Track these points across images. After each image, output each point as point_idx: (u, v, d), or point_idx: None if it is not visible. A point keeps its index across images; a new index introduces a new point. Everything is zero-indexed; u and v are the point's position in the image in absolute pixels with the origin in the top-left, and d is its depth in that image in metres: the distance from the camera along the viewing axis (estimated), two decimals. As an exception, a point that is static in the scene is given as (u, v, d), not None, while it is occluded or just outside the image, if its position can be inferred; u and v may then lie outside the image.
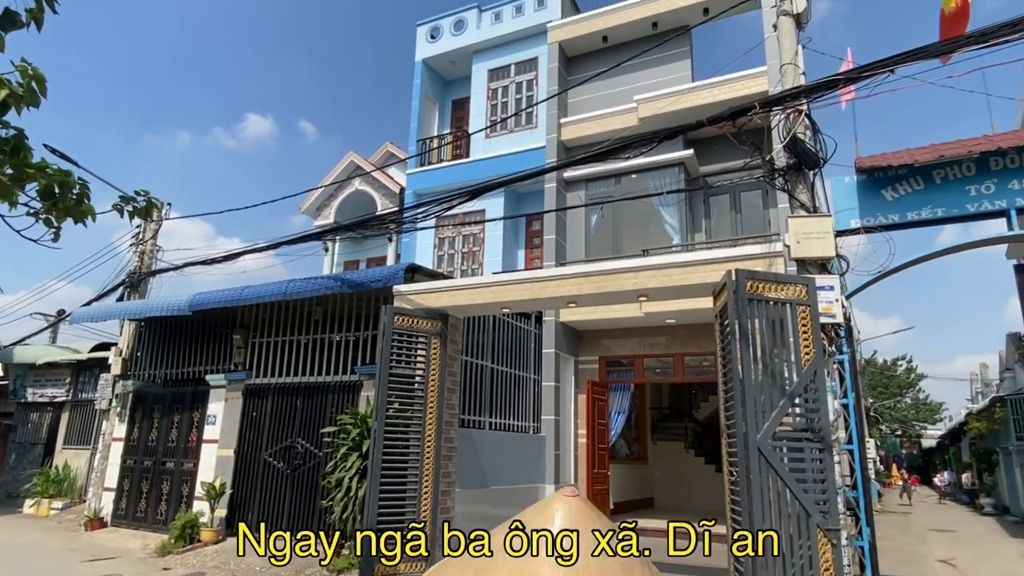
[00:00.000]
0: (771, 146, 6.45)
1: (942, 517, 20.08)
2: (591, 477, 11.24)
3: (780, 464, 5.08)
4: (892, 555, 11.46)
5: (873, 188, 7.15)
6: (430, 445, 7.08)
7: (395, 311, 7.13)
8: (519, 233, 13.88)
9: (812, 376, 5.32)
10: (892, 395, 45.67)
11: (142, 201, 3.98)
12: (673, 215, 11.70)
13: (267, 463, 9.21)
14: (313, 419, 8.91)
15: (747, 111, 5.40)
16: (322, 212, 16.43)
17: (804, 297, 5.52)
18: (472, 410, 9.34)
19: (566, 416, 11.52)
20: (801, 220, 5.83)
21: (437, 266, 13.80)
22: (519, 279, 7.08)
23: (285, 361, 9.50)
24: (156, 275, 11.78)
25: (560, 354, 11.51)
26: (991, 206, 6.63)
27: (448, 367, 7.46)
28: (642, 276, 6.37)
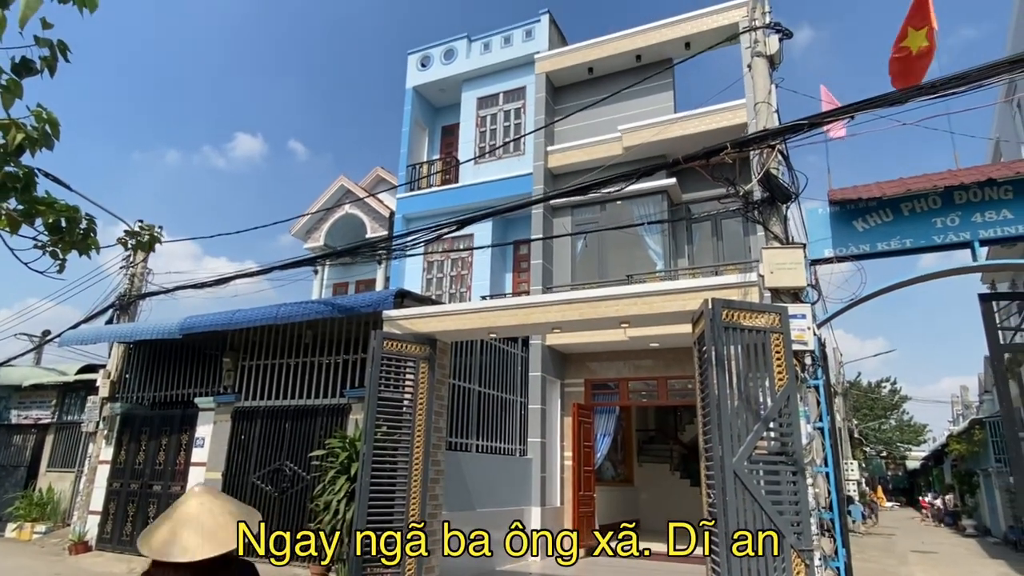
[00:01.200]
0: (748, 179, 6.76)
1: (924, 539, 20.30)
2: (577, 499, 11.36)
3: (755, 486, 5.29)
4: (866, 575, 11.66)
5: (845, 219, 7.46)
6: (418, 468, 7.21)
7: (384, 336, 7.31)
8: (507, 257, 14.13)
9: (785, 401, 5.56)
10: (876, 417, 46.09)
11: (146, 236, 4.17)
12: (657, 241, 12.00)
13: (255, 486, 9.27)
14: (302, 442, 9.01)
15: (720, 151, 5.70)
16: (312, 235, 16.61)
17: (777, 325, 5.77)
18: (459, 433, 9.48)
19: (552, 438, 11.66)
20: (774, 251, 6.11)
21: (426, 289, 14.00)
22: (506, 305, 7.30)
23: (274, 384, 9.61)
24: (146, 298, 11.87)
25: (547, 377, 11.69)
26: (956, 237, 6.93)
27: (436, 391, 7.62)
28: (623, 304, 6.60)
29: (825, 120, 5.26)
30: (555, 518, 11.20)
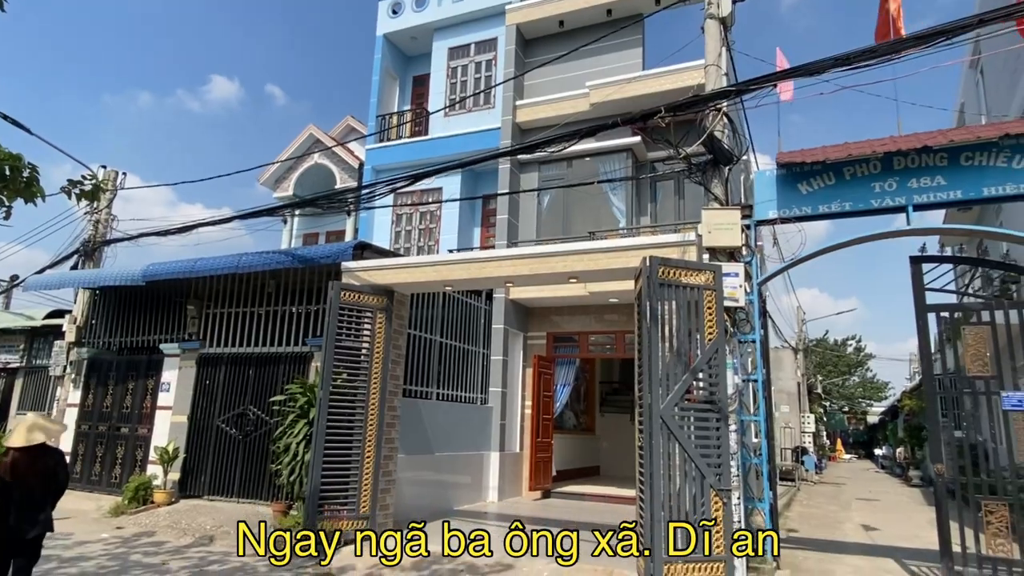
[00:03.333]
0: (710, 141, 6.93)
1: (872, 488, 21.39)
2: (535, 445, 11.86)
3: (680, 431, 5.67)
4: (815, 520, 12.41)
5: (791, 182, 7.70)
6: (374, 413, 7.53)
7: (342, 287, 7.51)
8: (476, 211, 14.26)
9: (713, 354, 5.91)
10: (840, 373, 47.66)
11: (89, 184, 4.27)
12: (621, 199, 12.21)
13: (220, 429, 9.57)
14: (265, 388, 9.28)
15: (655, 114, 5.86)
16: (281, 185, 16.53)
17: (711, 283, 6.08)
18: (420, 381, 9.82)
19: (513, 388, 12.08)
20: (713, 212, 6.36)
21: (394, 242, 14.13)
22: (460, 259, 7.51)
23: (238, 332, 9.81)
24: (111, 244, 11.87)
25: (509, 330, 12.01)
26: (892, 202, 7.22)
27: (393, 341, 7.88)
28: (571, 260, 6.86)
29: (750, 88, 5.43)
30: (514, 463, 11.71)
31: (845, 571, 7.33)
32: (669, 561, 5.41)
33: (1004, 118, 10.54)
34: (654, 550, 5.35)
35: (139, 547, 7.28)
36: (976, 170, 6.92)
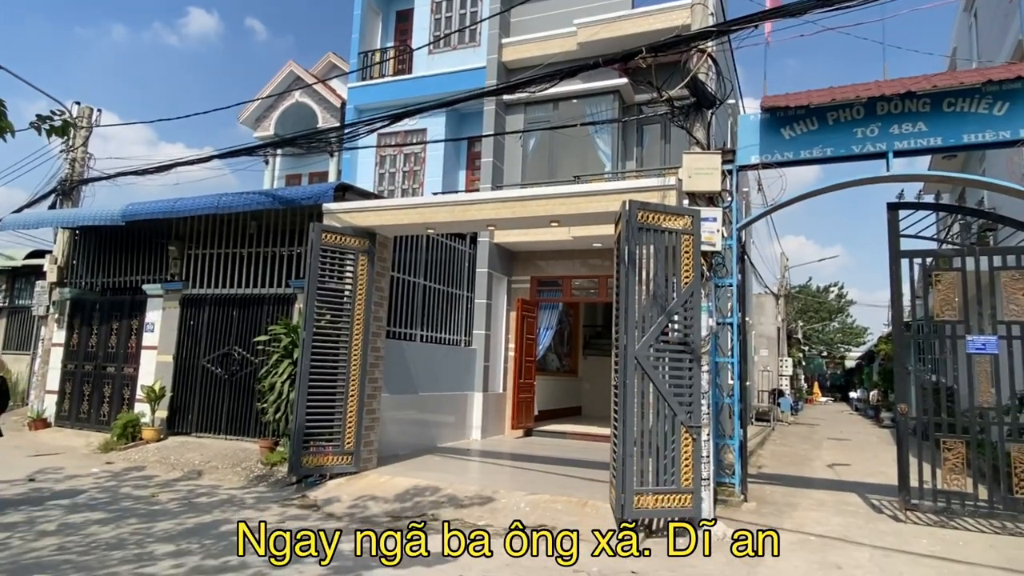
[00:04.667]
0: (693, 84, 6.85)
1: (844, 429, 22.13)
2: (517, 386, 12.13)
3: (654, 371, 5.84)
4: (786, 458, 12.88)
5: (774, 127, 7.67)
6: (357, 354, 7.65)
7: (323, 228, 7.49)
8: (461, 154, 14.08)
9: (689, 297, 6.02)
10: (821, 319, 48.54)
11: (59, 120, 4.18)
12: (607, 142, 12.10)
13: (205, 369, 9.69)
14: (249, 329, 9.35)
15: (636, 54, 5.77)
16: (261, 124, 16.16)
17: (689, 227, 6.14)
18: (404, 323, 9.94)
19: (497, 331, 12.25)
20: (694, 156, 6.36)
21: (378, 184, 13.98)
22: (441, 202, 7.49)
23: (221, 273, 9.80)
24: (88, 183, 11.66)
25: (493, 273, 12.08)
26: (873, 148, 7.24)
27: (376, 283, 7.93)
28: (552, 203, 6.86)
29: (732, 28, 5.35)
30: (497, 403, 12.00)
31: (808, 503, 7.70)
32: (640, 492, 5.67)
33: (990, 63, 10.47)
34: (625, 482, 5.59)
35: (129, 480, 7.48)
36: (957, 116, 6.93)
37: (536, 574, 4.58)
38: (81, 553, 4.68)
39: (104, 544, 4.92)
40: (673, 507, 5.78)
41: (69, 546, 4.84)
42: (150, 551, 4.78)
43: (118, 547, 4.85)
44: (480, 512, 6.20)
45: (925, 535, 6.23)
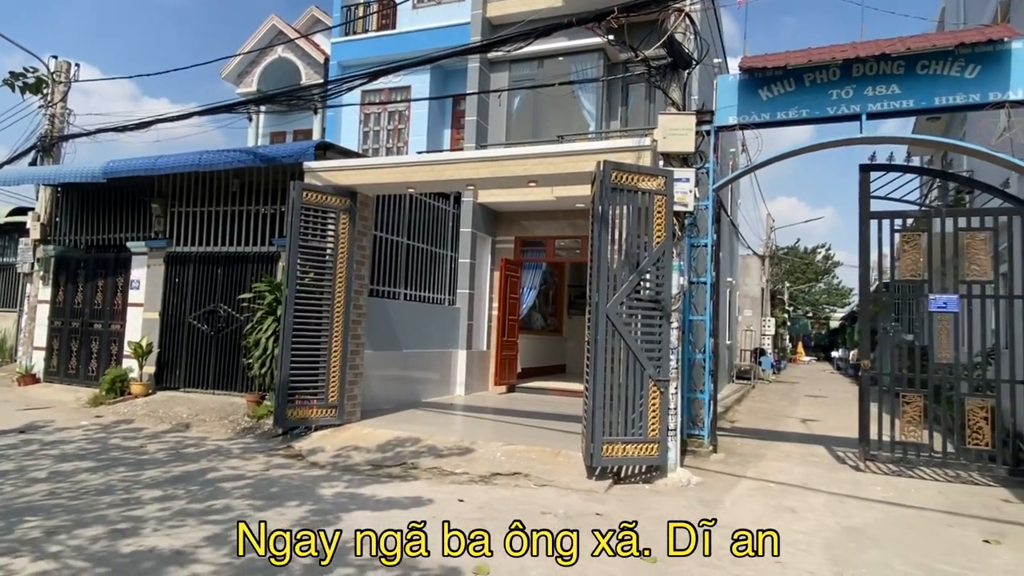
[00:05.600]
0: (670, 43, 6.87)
1: (822, 387, 22.70)
2: (501, 344, 12.38)
3: (624, 327, 6.05)
4: (762, 414, 13.30)
5: (752, 88, 7.73)
6: (340, 311, 7.81)
7: (303, 187, 7.55)
8: (446, 112, 13.99)
9: (660, 256, 6.19)
10: (808, 280, 49.07)
11: (32, 77, 4.20)
12: (591, 102, 12.07)
13: (192, 326, 9.83)
14: (234, 286, 9.47)
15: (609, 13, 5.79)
16: (244, 80, 15.93)
17: (662, 187, 6.26)
18: (388, 282, 10.08)
19: (481, 290, 12.42)
20: (669, 117, 6.44)
21: (363, 142, 13.92)
22: (421, 161, 7.55)
23: (205, 231, 9.86)
24: (68, 140, 11.56)
25: (477, 233, 12.19)
26: (847, 110, 7.32)
27: (357, 241, 8.03)
28: (530, 163, 6.95)
29: (701, -11, 5.37)
30: (481, 360, 12.25)
31: (775, 455, 8.05)
32: (609, 441, 5.94)
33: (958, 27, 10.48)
34: (595, 432, 5.85)
35: (118, 432, 7.69)
36: (930, 79, 7.01)
37: (507, 516, 4.84)
38: (71, 498, 4.89)
39: (93, 490, 5.14)
40: (640, 456, 6.06)
41: (59, 492, 5.05)
42: (137, 496, 5.01)
43: (107, 492, 5.07)
44: (458, 461, 6.47)
45: (880, 483, 6.58)
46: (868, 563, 4.16)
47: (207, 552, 3.85)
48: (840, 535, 4.76)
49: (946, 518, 5.35)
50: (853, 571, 4.01)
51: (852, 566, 4.09)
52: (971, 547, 4.60)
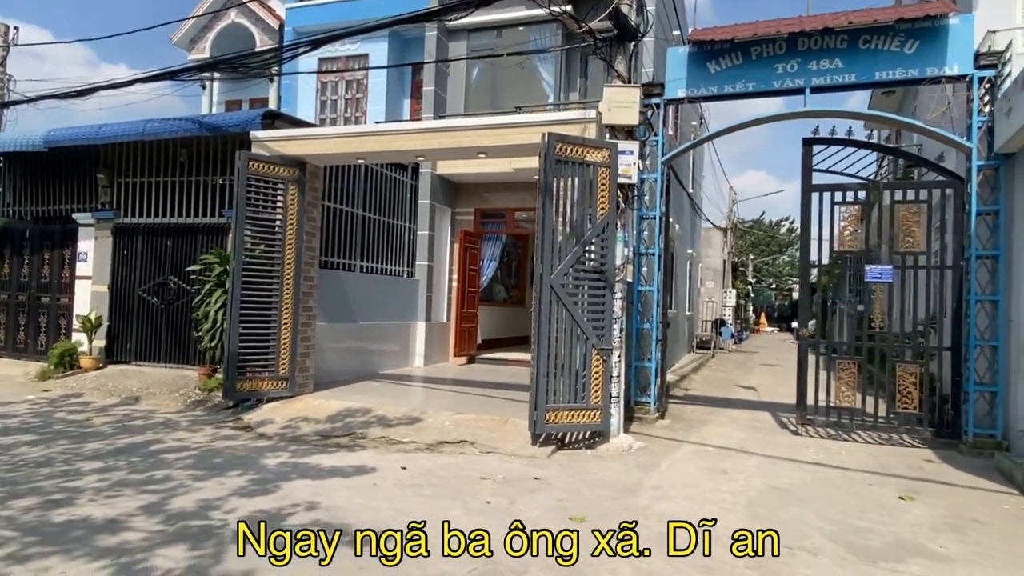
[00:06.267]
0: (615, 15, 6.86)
1: (779, 356, 23.32)
2: (460, 316, 12.46)
3: (568, 298, 6.15)
4: (716, 382, 13.67)
5: (701, 61, 7.80)
6: (289, 283, 7.77)
7: (250, 157, 7.44)
8: (405, 82, 13.81)
9: (604, 228, 6.28)
10: (771, 253, 49.96)
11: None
12: (551, 73, 12.02)
13: (142, 299, 9.68)
14: (184, 258, 9.33)
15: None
16: (196, 45, 15.44)
17: (607, 160, 6.33)
18: (343, 254, 10.03)
19: (441, 262, 12.43)
20: (614, 90, 6.48)
21: (320, 112, 13.68)
22: (369, 131, 7.49)
23: (154, 202, 9.66)
24: (8, 107, 11.14)
25: (436, 205, 12.14)
26: (792, 84, 7.45)
27: (307, 212, 7.96)
28: (478, 134, 6.94)
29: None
30: (441, 332, 12.32)
31: (720, 420, 8.32)
32: (553, 409, 6.08)
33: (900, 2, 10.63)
34: (538, 400, 5.99)
35: (65, 406, 7.61)
36: (871, 54, 7.16)
37: (447, 482, 4.97)
38: (8, 470, 4.87)
39: (32, 462, 5.11)
40: (583, 422, 6.23)
41: (-4, 465, 5.02)
42: (77, 468, 5.00)
43: (46, 464, 5.05)
44: (406, 430, 6.57)
45: (814, 446, 6.88)
46: (785, 520, 4.39)
47: (140, 520, 3.89)
48: (765, 495, 4.99)
49: (869, 478, 5.64)
50: (770, 526, 4.23)
51: (769, 523, 4.30)
52: (886, 504, 4.86)
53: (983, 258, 6.75)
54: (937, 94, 7.82)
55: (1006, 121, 6.32)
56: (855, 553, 3.81)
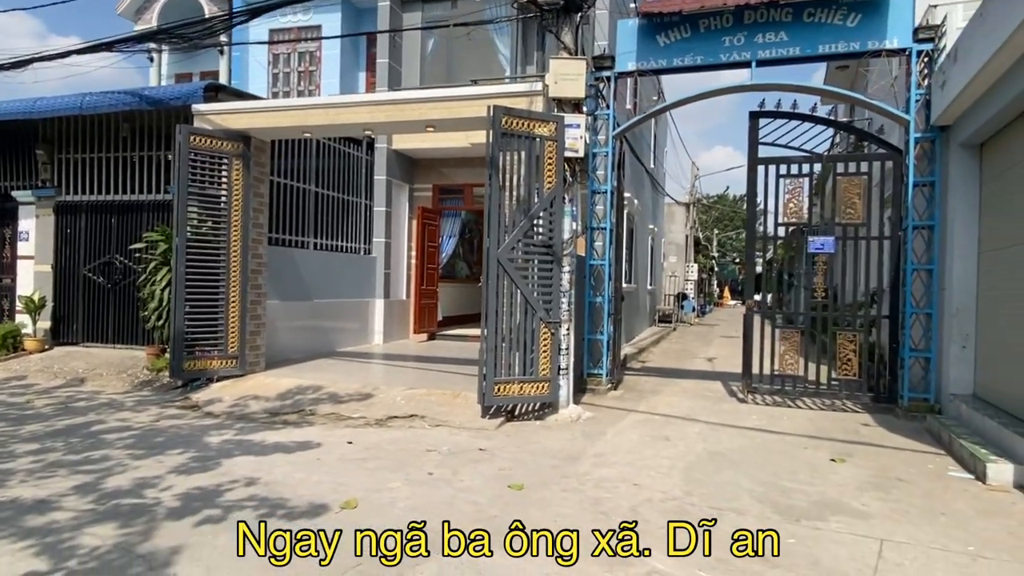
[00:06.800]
0: None
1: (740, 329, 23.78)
2: (419, 293, 12.42)
3: (515, 272, 6.18)
4: (674, 354, 13.92)
5: (651, 33, 7.80)
6: (236, 261, 7.64)
7: (191, 131, 7.24)
8: (360, 54, 13.53)
9: (551, 202, 6.30)
10: (735, 227, 50.69)
11: None
12: (507, 45, 11.89)
13: (87, 278, 9.43)
14: (130, 236, 9.10)
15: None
16: (143, 16, 14.86)
17: (553, 133, 6.32)
18: (296, 231, 9.88)
19: (399, 239, 12.33)
20: (560, 62, 6.45)
21: (272, 85, 13.35)
22: (315, 104, 7.33)
23: (97, 178, 9.37)
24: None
25: (393, 181, 12.01)
26: (739, 56, 7.51)
27: (254, 188, 7.81)
28: (426, 107, 6.86)
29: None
30: (400, 310, 12.28)
31: (672, 390, 8.50)
32: (502, 381, 6.14)
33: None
34: (487, 373, 6.04)
35: (6, 389, 7.41)
36: (815, 27, 7.24)
37: (393, 455, 5.00)
38: (-63, 455, 4.74)
39: (-36, 446, 4.99)
40: (533, 394, 6.31)
41: (-75, 449, 4.89)
42: (11, 450, 4.89)
43: (-22, 448, 4.94)
44: (357, 406, 6.57)
45: (758, 412, 7.08)
46: (719, 482, 4.53)
47: (72, 500, 3.84)
48: (703, 459, 5.14)
49: (806, 442, 5.83)
50: (703, 490, 4.36)
51: (703, 485, 4.44)
52: (818, 466, 5.05)
53: (919, 228, 6.97)
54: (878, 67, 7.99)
55: (941, 94, 6.49)
56: (780, 512, 3.96)
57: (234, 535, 3.37)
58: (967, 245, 6.49)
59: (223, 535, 3.37)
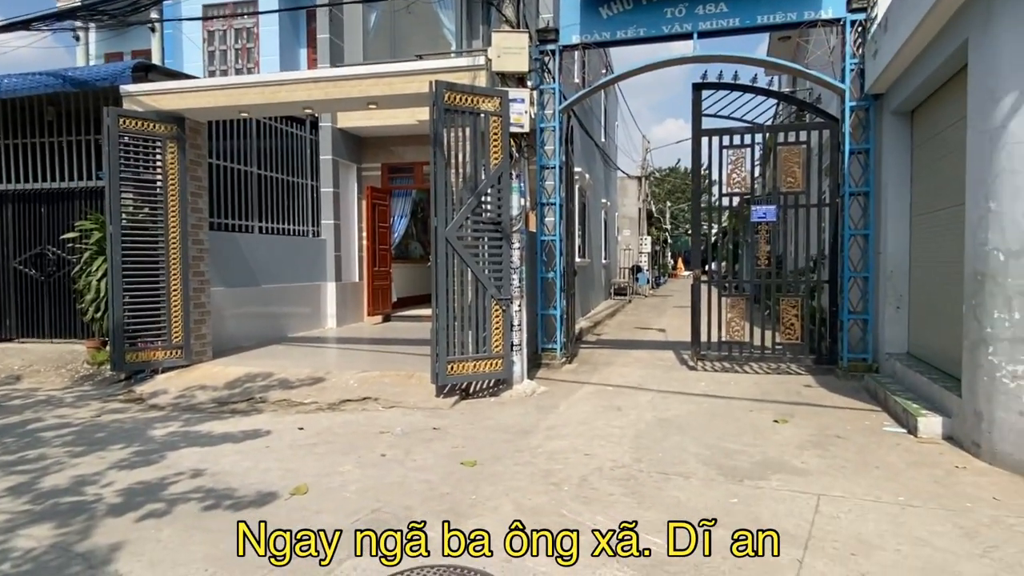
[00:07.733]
0: None
1: (693, 298, 24.32)
2: (372, 275, 12.26)
3: (464, 251, 6.15)
4: (629, 325, 14.14)
5: (593, 6, 7.77)
6: (176, 247, 7.38)
7: (120, 113, 6.90)
8: (300, 30, 13.09)
9: (498, 178, 6.27)
10: (687, 200, 51.51)
11: None
12: (451, 19, 11.67)
13: (18, 271, 8.98)
14: (62, 225, 8.68)
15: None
16: (64, -9, 14.01)
17: (498, 108, 6.26)
18: (239, 215, 9.59)
19: (349, 220, 12.11)
20: (503, 35, 6.37)
21: (209, 64, 12.83)
22: (250, 82, 7.07)
23: (22, 166, 8.88)
24: None
25: (340, 161, 11.74)
26: (680, 28, 7.56)
27: (191, 172, 7.52)
28: (366, 84, 6.70)
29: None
30: (353, 292, 12.11)
31: (625, 361, 8.64)
32: (456, 360, 6.14)
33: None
34: (439, 352, 6.02)
35: (-67, 392, 7.05)
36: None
37: (344, 439, 4.96)
38: None
39: None
40: (486, 372, 6.33)
41: None
42: (-62, 454, 4.67)
43: (-99, 454, 4.69)
44: (309, 391, 6.48)
45: (706, 379, 7.27)
46: (667, 448, 4.65)
47: (5, 502, 3.70)
48: (652, 427, 5.26)
49: (751, 405, 6.03)
50: (651, 456, 4.47)
51: (652, 452, 4.56)
52: (761, 428, 5.23)
53: (855, 195, 7.21)
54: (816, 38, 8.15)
55: (873, 63, 6.67)
56: (724, 474, 4.09)
57: (179, 528, 3.30)
58: (900, 210, 6.74)
59: (167, 528, 3.30)
